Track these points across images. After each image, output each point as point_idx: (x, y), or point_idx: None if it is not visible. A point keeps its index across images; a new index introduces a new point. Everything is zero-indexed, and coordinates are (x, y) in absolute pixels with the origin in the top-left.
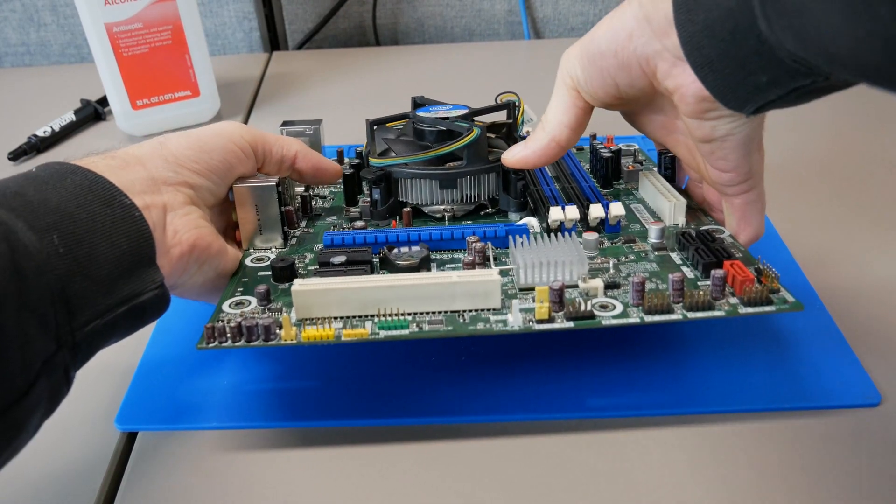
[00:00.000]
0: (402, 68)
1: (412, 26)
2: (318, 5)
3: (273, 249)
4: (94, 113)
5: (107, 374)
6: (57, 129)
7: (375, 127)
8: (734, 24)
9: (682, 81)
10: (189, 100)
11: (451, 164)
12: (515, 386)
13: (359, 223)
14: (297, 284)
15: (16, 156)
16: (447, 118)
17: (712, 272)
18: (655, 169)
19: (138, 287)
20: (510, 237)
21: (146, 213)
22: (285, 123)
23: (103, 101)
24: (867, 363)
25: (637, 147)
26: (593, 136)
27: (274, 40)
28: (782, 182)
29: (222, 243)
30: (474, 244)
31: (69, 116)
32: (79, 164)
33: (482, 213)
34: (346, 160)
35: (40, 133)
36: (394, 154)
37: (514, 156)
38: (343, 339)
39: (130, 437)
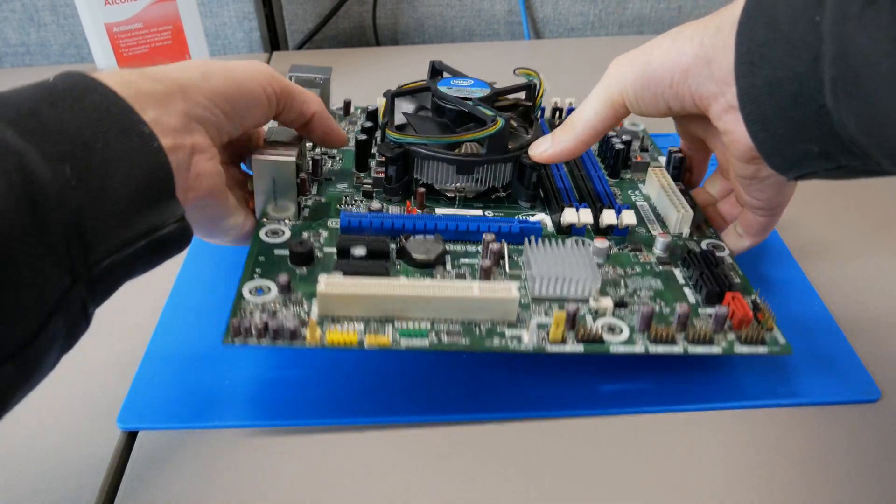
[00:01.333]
0: (402, 68)
1: (412, 26)
2: (318, 5)
3: (287, 221)
4: None
5: (108, 374)
6: None
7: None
8: (798, 88)
9: (735, 128)
10: None
11: (468, 145)
12: (514, 384)
13: (375, 204)
14: (323, 285)
15: None
16: (470, 99)
17: (716, 310)
18: (663, 160)
19: (157, 221)
20: (525, 239)
21: (173, 155)
22: (294, 68)
23: None
24: (866, 359)
25: (644, 131)
26: None
27: (274, 40)
28: None
29: (233, 200)
30: (491, 244)
31: None
32: (106, 82)
33: (493, 196)
34: (358, 112)
35: None
36: (413, 131)
37: (541, 153)
38: (366, 346)
39: (131, 437)
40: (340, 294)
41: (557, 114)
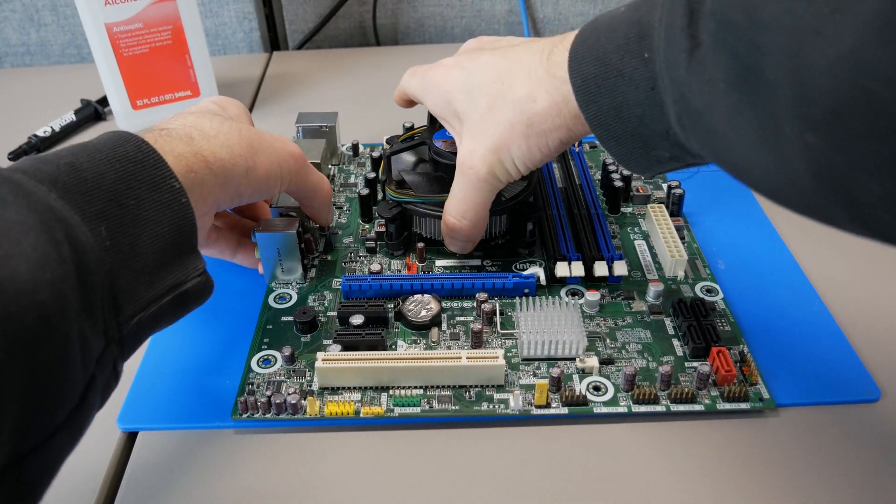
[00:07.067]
0: (403, 68)
1: (412, 26)
2: (318, 5)
3: (294, 284)
4: (94, 113)
5: None
6: (57, 129)
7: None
8: (643, 111)
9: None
10: (189, 100)
11: None
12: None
13: (374, 266)
14: (320, 361)
15: (16, 156)
16: None
17: (698, 368)
18: (667, 186)
19: (181, 276)
20: (516, 299)
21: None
22: (301, 118)
23: (103, 101)
24: (866, 359)
25: None
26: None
27: (274, 40)
28: None
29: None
30: (483, 304)
31: (69, 116)
32: (153, 143)
33: (493, 243)
34: (367, 150)
35: (40, 133)
36: (410, 191)
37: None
38: (361, 415)
39: (131, 437)
40: (336, 368)
41: None
